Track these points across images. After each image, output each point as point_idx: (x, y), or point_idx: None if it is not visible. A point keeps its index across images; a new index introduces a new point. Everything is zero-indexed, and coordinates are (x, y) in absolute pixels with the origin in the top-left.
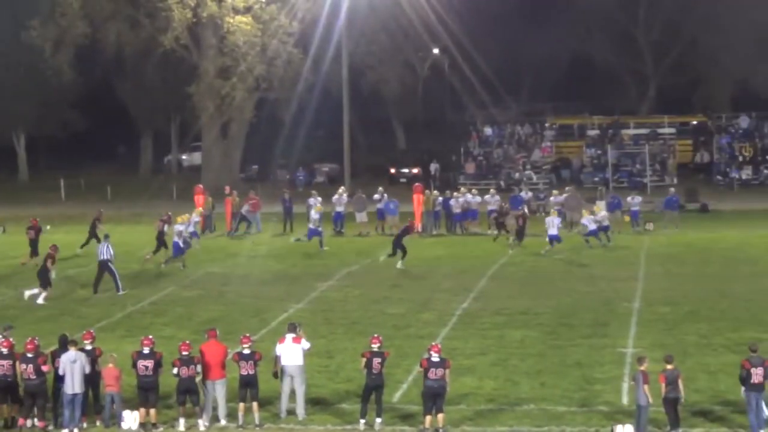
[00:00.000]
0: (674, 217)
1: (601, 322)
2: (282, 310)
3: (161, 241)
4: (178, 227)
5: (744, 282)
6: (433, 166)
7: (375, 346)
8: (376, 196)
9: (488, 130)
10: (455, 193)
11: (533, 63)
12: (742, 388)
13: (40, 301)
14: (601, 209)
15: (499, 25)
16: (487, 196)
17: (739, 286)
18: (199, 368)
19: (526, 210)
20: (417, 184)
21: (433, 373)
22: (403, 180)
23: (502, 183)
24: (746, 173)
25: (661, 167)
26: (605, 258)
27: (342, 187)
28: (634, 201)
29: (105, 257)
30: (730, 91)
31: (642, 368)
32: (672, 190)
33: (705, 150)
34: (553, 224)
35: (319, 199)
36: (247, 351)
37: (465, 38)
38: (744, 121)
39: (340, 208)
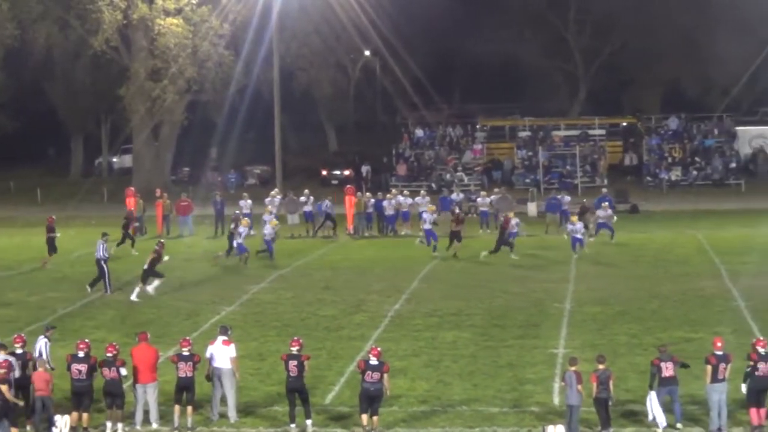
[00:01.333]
0: (608, 217)
1: (533, 323)
2: (214, 313)
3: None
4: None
5: (674, 282)
6: (365, 168)
7: (294, 349)
8: (303, 199)
9: (419, 132)
10: (387, 195)
11: (465, 65)
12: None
13: (133, 297)
14: (576, 220)
15: (430, 27)
16: (418, 198)
17: (668, 287)
18: (124, 371)
19: (458, 210)
20: (349, 186)
21: (369, 376)
22: (335, 182)
23: (433, 185)
24: (675, 174)
25: (591, 168)
26: (536, 259)
27: (276, 189)
28: (563, 200)
29: (100, 255)
30: (660, 92)
31: (573, 369)
32: (604, 190)
33: (634, 152)
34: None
35: (249, 202)
36: (186, 353)
37: (396, 40)
38: (673, 123)
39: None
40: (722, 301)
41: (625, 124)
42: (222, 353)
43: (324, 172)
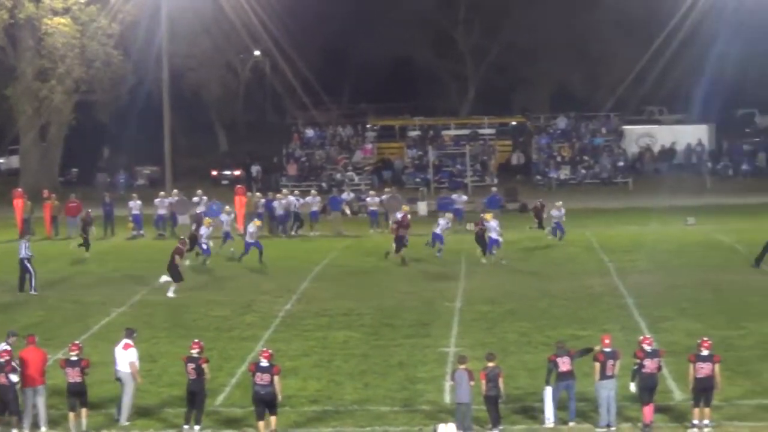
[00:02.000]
0: (496, 216)
1: (424, 321)
2: (104, 315)
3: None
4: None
5: (563, 280)
6: (255, 168)
7: (193, 352)
8: (195, 199)
9: (310, 132)
10: (278, 195)
11: (354, 65)
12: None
13: (170, 294)
14: (491, 218)
15: (320, 27)
16: (308, 198)
17: (558, 285)
18: (14, 377)
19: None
20: (239, 186)
21: (259, 378)
22: (225, 182)
23: (323, 184)
24: (564, 173)
25: (481, 167)
26: (427, 258)
27: (174, 191)
28: (459, 199)
29: (23, 255)
30: (548, 91)
31: (463, 367)
32: (494, 189)
33: (522, 151)
34: (438, 225)
35: (139, 203)
36: (74, 358)
37: (286, 40)
38: (562, 122)
39: (162, 211)
40: (611, 298)
41: (514, 123)
42: (122, 357)
43: (214, 173)
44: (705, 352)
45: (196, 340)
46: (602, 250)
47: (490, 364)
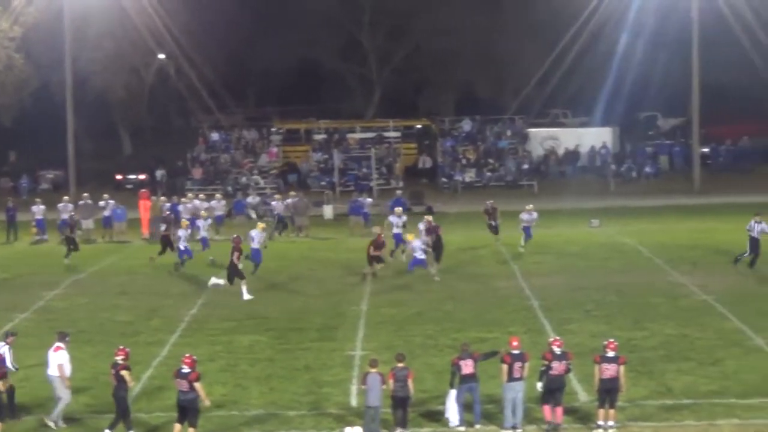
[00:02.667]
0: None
1: (330, 325)
2: (6, 320)
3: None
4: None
5: (469, 283)
6: (160, 172)
7: (117, 358)
8: (102, 203)
9: (215, 136)
10: (183, 199)
11: (259, 68)
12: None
13: (246, 296)
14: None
15: (225, 30)
16: (213, 202)
17: (464, 287)
18: None
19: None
20: (143, 190)
21: (178, 384)
22: (129, 186)
23: (229, 188)
24: (470, 176)
25: (387, 170)
26: (334, 262)
27: (85, 194)
28: (365, 202)
29: None
30: (453, 94)
31: (375, 370)
32: (399, 192)
33: (428, 154)
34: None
35: (42, 207)
36: None
37: (190, 44)
38: (467, 125)
39: (65, 216)
40: (516, 300)
41: (419, 126)
42: (51, 360)
43: (119, 177)
44: (611, 354)
45: (122, 347)
46: (508, 253)
47: (399, 365)
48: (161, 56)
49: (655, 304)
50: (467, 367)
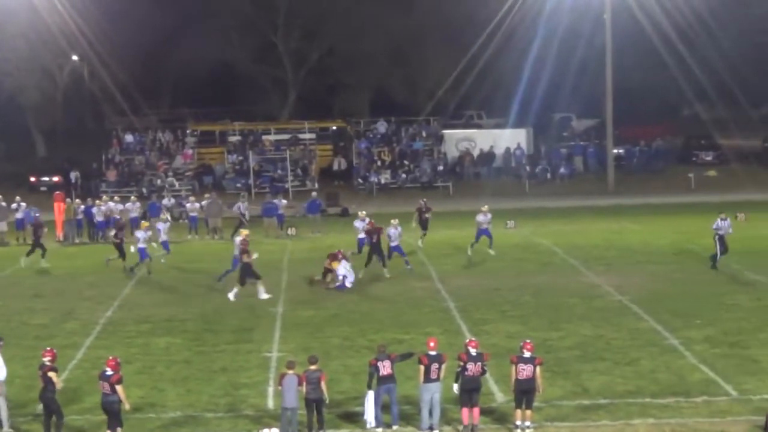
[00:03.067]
0: (317, 220)
1: (246, 327)
2: None
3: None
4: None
5: (385, 284)
6: (74, 174)
7: (45, 360)
8: (14, 206)
9: (129, 138)
10: (97, 201)
11: (174, 70)
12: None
13: (263, 296)
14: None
15: (139, 32)
16: (128, 204)
17: (380, 288)
18: None
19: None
20: (58, 192)
21: (101, 386)
22: (43, 188)
23: (144, 190)
24: (385, 177)
25: (302, 172)
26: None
27: None
28: (280, 203)
29: None
30: (368, 96)
31: (292, 372)
32: (314, 194)
33: (343, 156)
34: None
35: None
36: None
37: (104, 45)
38: (382, 126)
39: None
40: (432, 302)
41: (334, 127)
42: None
43: (32, 179)
44: (527, 354)
45: (49, 348)
46: (423, 254)
47: (312, 367)
48: (75, 58)
49: (570, 305)
50: (385, 368)
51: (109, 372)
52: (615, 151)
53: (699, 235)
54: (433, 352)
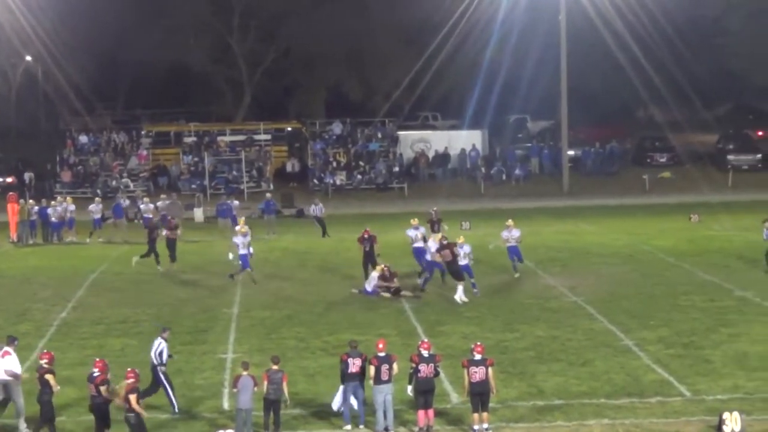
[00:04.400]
0: (272, 221)
1: (201, 328)
2: None
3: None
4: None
5: (340, 286)
6: (28, 175)
7: (42, 362)
8: None
9: (84, 138)
10: (52, 202)
11: (129, 70)
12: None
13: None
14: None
15: (93, 32)
16: (92, 205)
17: (335, 290)
18: None
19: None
20: (11, 193)
21: (89, 388)
22: None
23: (99, 191)
24: (340, 178)
25: (258, 173)
26: (205, 264)
27: None
28: (233, 205)
29: None
30: (324, 97)
31: (247, 373)
32: (269, 195)
33: (297, 157)
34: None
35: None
36: None
37: (58, 45)
38: (337, 127)
39: None
40: (388, 302)
41: (290, 128)
42: (0, 364)
43: None
44: (478, 357)
45: (46, 351)
46: (378, 256)
47: (274, 367)
48: (29, 58)
49: (525, 306)
50: (354, 365)
51: (98, 372)
52: (570, 152)
53: (653, 236)
54: (381, 354)
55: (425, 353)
